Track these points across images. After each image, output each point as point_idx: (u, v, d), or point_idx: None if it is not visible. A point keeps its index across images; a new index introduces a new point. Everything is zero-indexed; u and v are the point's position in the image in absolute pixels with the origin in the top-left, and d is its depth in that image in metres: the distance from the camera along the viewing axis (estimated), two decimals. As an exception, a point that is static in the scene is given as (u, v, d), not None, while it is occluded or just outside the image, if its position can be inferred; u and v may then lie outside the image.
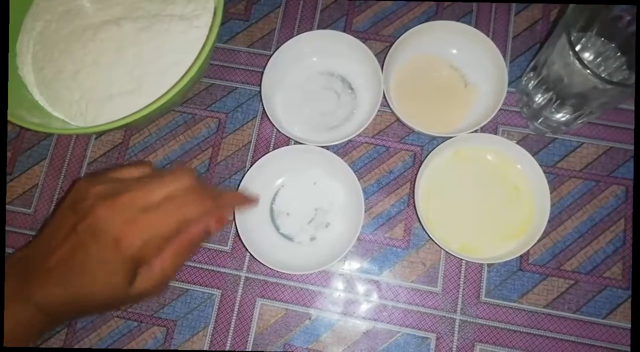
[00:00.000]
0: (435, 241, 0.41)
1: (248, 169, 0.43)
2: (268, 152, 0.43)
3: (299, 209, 0.44)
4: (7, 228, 0.46)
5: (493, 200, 0.44)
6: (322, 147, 0.43)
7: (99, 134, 0.48)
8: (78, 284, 0.33)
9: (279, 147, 0.46)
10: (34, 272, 0.33)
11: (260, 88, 0.44)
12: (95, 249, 0.32)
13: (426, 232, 0.41)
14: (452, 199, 0.44)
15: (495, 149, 0.44)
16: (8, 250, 0.45)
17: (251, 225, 0.42)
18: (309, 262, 0.42)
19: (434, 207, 0.43)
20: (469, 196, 0.44)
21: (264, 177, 0.44)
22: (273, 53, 0.45)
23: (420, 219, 0.41)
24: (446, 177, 0.44)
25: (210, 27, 0.44)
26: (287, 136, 0.46)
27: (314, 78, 0.47)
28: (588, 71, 0.34)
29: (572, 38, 0.41)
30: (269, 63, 0.45)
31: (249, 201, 0.38)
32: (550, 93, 0.40)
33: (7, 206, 0.46)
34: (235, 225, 0.41)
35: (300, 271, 0.41)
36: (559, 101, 0.40)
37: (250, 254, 0.41)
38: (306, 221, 0.44)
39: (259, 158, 0.43)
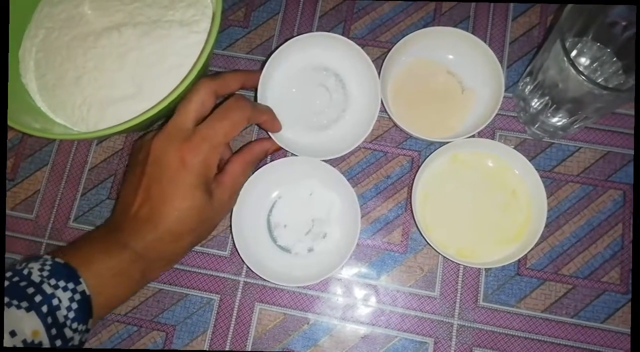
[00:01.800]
0: (432, 246, 0.41)
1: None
2: (266, 163, 0.43)
3: (295, 220, 0.45)
4: (9, 234, 0.46)
5: (490, 205, 0.44)
6: (322, 160, 0.43)
7: (100, 140, 0.48)
8: (164, 215, 0.35)
9: (276, 155, 0.47)
10: (123, 222, 0.36)
11: (256, 94, 0.44)
12: (166, 178, 0.35)
13: (423, 237, 0.41)
14: (449, 203, 0.44)
15: (493, 153, 0.44)
16: (9, 255, 0.45)
17: (248, 238, 0.43)
18: (306, 274, 0.42)
19: (431, 212, 0.43)
20: (466, 201, 0.44)
21: (260, 189, 0.44)
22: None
23: (417, 223, 0.41)
24: (443, 182, 0.44)
25: (209, 31, 0.45)
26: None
27: (308, 74, 0.47)
28: (582, 77, 0.34)
29: (568, 43, 0.41)
30: (262, 73, 0.44)
31: (276, 121, 0.42)
32: (546, 98, 0.40)
33: (9, 212, 0.47)
34: (233, 238, 0.41)
35: (297, 283, 0.41)
36: (554, 106, 0.40)
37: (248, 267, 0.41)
38: (303, 232, 0.44)
39: (258, 166, 0.43)
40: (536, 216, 0.42)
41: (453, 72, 0.47)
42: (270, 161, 0.44)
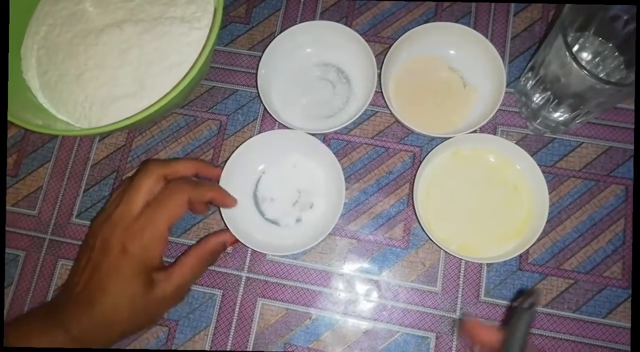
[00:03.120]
0: (434, 241, 0.41)
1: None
2: (248, 139, 0.44)
3: (282, 193, 0.45)
4: (12, 229, 0.46)
5: (492, 200, 0.44)
6: (321, 133, 0.44)
7: (103, 137, 0.49)
8: (100, 301, 0.35)
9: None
10: (65, 301, 0.37)
11: (256, 79, 0.44)
12: (106, 266, 0.36)
13: (425, 232, 0.41)
14: (451, 199, 0.44)
15: (495, 149, 0.44)
16: (11, 251, 0.46)
17: (237, 214, 0.43)
18: (296, 244, 0.42)
19: (433, 208, 0.43)
20: (468, 196, 0.44)
21: (244, 165, 0.44)
22: (267, 45, 0.45)
23: (419, 219, 0.41)
24: (445, 177, 0.44)
25: (210, 28, 0.45)
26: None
27: (310, 68, 0.48)
28: (585, 72, 0.34)
29: (570, 38, 0.41)
30: (263, 54, 0.45)
31: (227, 197, 0.42)
32: (548, 93, 0.40)
33: (12, 208, 0.47)
34: (221, 214, 0.42)
35: (287, 251, 0.41)
36: (556, 101, 0.40)
37: (242, 242, 0.41)
38: (290, 203, 0.45)
39: (241, 143, 0.43)
40: (538, 212, 0.42)
41: (454, 67, 0.47)
42: (251, 137, 0.44)
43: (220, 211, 0.42)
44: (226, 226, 0.41)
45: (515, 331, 0.32)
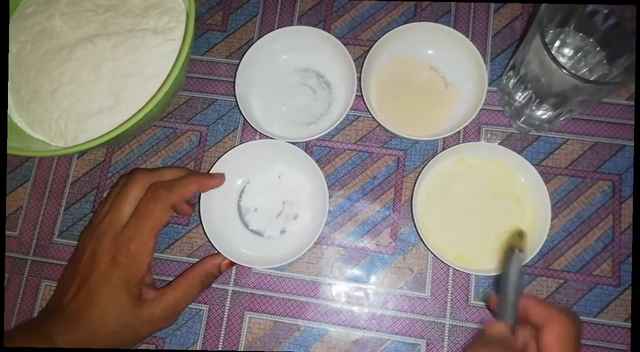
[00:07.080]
0: (430, 248, 0.40)
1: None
2: (233, 147, 0.43)
3: (266, 203, 0.44)
4: (-7, 252, 0.46)
5: (493, 211, 0.42)
6: (302, 141, 0.44)
7: (81, 153, 0.48)
8: (88, 313, 0.35)
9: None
10: (53, 314, 0.36)
11: (234, 88, 0.44)
12: (95, 277, 0.36)
13: (421, 240, 0.40)
14: (451, 206, 0.43)
15: (500, 160, 0.43)
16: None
17: (220, 225, 0.42)
18: (281, 255, 0.42)
19: (431, 214, 0.42)
20: (469, 206, 0.43)
21: (228, 175, 0.43)
22: (245, 53, 0.45)
23: (416, 223, 0.40)
24: (447, 185, 0.43)
25: (183, 39, 0.44)
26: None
27: (289, 75, 0.47)
28: (564, 71, 0.33)
29: (550, 35, 0.40)
30: (241, 63, 0.44)
31: (209, 179, 0.41)
32: (530, 92, 0.40)
33: (-8, 229, 0.46)
34: (203, 227, 0.41)
35: (273, 263, 0.41)
36: (538, 100, 0.39)
37: (217, 250, 0.41)
38: (274, 214, 0.44)
39: (224, 152, 0.43)
40: (539, 228, 0.40)
41: (436, 67, 0.46)
42: (233, 148, 0.44)
43: (202, 223, 0.41)
44: (208, 239, 0.41)
45: (508, 274, 0.32)
